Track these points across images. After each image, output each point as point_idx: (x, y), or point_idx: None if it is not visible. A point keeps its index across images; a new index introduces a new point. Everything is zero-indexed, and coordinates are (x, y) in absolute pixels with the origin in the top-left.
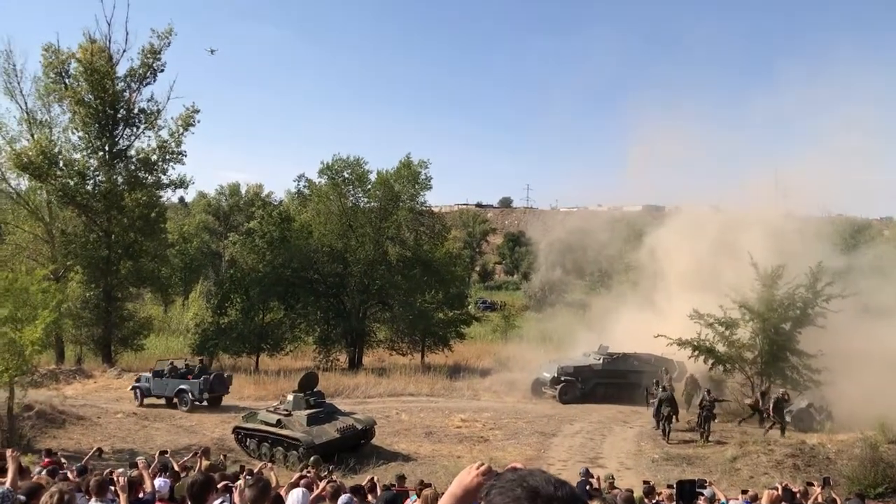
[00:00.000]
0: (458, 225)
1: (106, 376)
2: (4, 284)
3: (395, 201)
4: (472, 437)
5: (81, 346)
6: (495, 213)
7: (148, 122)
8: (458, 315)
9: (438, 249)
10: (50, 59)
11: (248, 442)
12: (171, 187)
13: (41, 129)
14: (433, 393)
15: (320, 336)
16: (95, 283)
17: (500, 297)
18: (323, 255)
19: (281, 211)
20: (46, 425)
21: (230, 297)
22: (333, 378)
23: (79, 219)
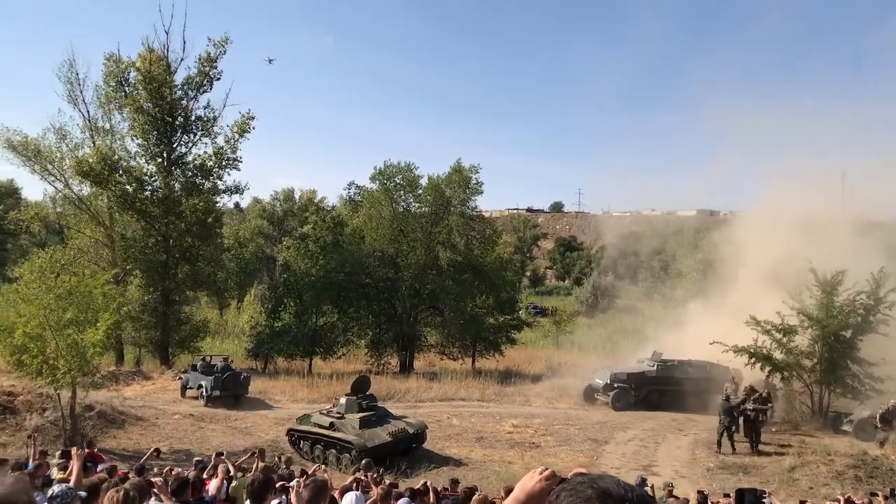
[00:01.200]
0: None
1: (163, 378)
2: (68, 287)
3: (445, 206)
4: (523, 443)
5: (140, 349)
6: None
7: (204, 130)
8: (509, 320)
9: (489, 254)
10: (111, 68)
11: (302, 444)
12: (227, 193)
13: (102, 136)
14: (484, 398)
15: (372, 340)
16: (154, 286)
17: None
18: (375, 260)
19: (334, 216)
20: (107, 425)
21: (284, 301)
22: (385, 382)
23: (138, 224)
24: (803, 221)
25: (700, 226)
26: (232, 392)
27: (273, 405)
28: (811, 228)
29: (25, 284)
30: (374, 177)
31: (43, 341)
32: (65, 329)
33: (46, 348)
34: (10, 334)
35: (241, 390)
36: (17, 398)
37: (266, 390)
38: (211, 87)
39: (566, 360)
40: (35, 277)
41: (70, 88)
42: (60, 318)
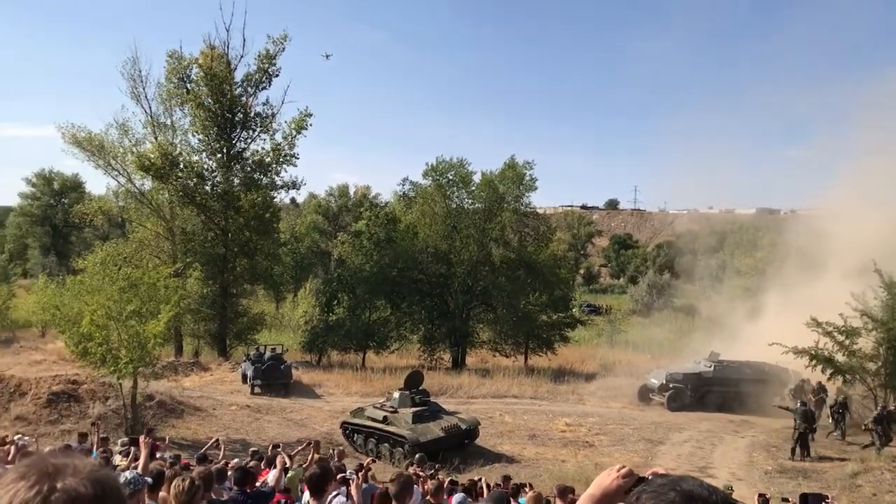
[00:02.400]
0: (563, 227)
1: (221, 369)
2: (132, 279)
3: (499, 203)
4: (576, 442)
5: (199, 340)
6: (601, 215)
7: (263, 126)
8: (563, 318)
9: (543, 251)
10: (173, 65)
11: (356, 437)
12: (284, 188)
13: (164, 132)
14: (537, 396)
15: (424, 335)
16: (213, 279)
17: (605, 301)
18: (427, 256)
19: (387, 212)
20: (166, 415)
21: (338, 296)
22: (437, 377)
23: (198, 218)
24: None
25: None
26: (272, 381)
27: (327, 398)
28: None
29: (89, 276)
30: (426, 173)
31: (107, 331)
32: (127, 320)
33: (110, 338)
34: (76, 324)
35: (282, 379)
36: (81, 387)
37: (320, 383)
38: (270, 84)
39: (620, 360)
40: (98, 269)
41: (133, 85)
42: (123, 310)
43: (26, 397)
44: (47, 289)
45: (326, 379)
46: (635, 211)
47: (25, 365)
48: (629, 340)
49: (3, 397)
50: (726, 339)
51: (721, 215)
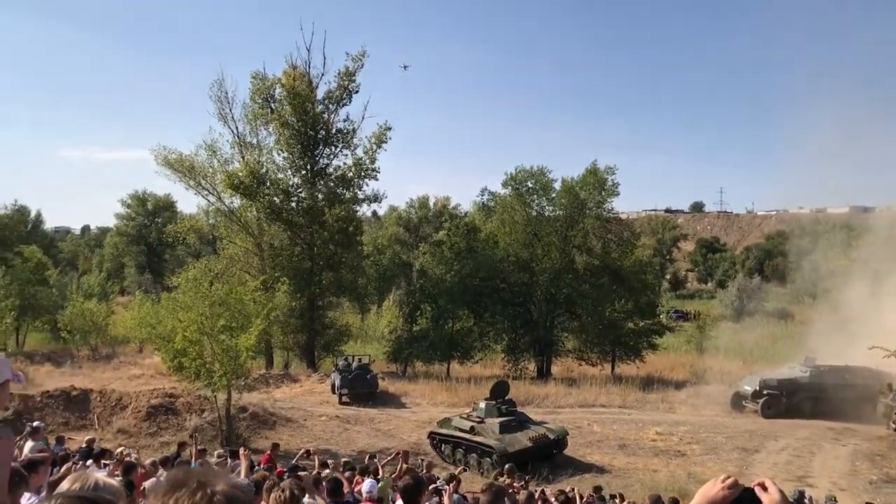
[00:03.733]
0: (647, 232)
1: (310, 381)
2: (221, 295)
3: (581, 209)
4: (668, 451)
5: (288, 352)
6: (686, 219)
7: (344, 142)
8: (650, 325)
9: (627, 257)
10: (258, 86)
11: (444, 447)
12: (366, 202)
13: (250, 151)
14: (625, 405)
15: (508, 345)
16: (300, 292)
17: (693, 307)
18: (509, 265)
19: (467, 222)
20: (259, 426)
21: (420, 307)
22: (523, 387)
23: (284, 233)
24: None
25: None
26: (359, 390)
27: (414, 408)
28: None
29: (182, 293)
30: (506, 182)
31: (200, 346)
32: (219, 335)
33: (203, 352)
34: (171, 340)
35: (369, 388)
36: (178, 400)
37: (406, 393)
38: (350, 101)
39: (711, 366)
40: (191, 286)
41: (220, 107)
42: (215, 325)
43: (127, 411)
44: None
45: (412, 389)
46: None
47: (125, 379)
48: (719, 346)
49: (105, 411)
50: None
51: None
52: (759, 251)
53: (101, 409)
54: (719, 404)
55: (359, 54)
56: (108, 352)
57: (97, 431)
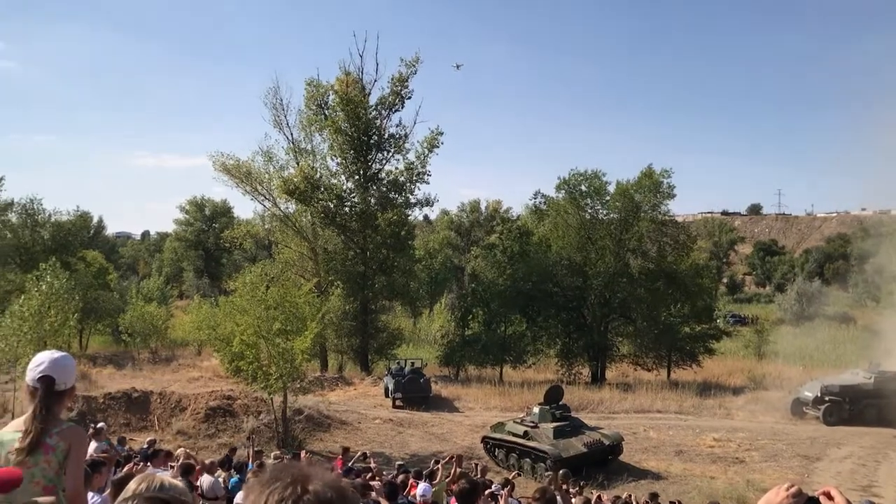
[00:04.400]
0: (703, 234)
1: (364, 384)
2: (277, 299)
3: (635, 212)
4: (726, 458)
5: (342, 355)
6: (743, 221)
7: (397, 147)
8: (706, 329)
9: (683, 261)
10: (312, 93)
11: (497, 452)
12: (418, 206)
13: (305, 157)
14: (682, 410)
15: (562, 349)
16: (353, 296)
17: (750, 311)
18: (562, 269)
19: (519, 226)
20: (314, 428)
21: (472, 310)
22: (577, 392)
23: (338, 238)
24: None
25: None
26: (412, 394)
27: (467, 412)
28: None
29: (239, 296)
30: (559, 186)
31: (257, 349)
32: (275, 338)
33: (260, 355)
34: (229, 343)
35: (422, 392)
36: (236, 402)
37: (459, 397)
38: (402, 106)
39: (770, 372)
40: (248, 290)
41: (275, 114)
42: (271, 328)
43: (186, 412)
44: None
45: (465, 393)
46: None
47: (184, 382)
48: (779, 352)
49: (165, 412)
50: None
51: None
52: (819, 254)
53: (161, 410)
54: (779, 411)
55: (412, 60)
56: (168, 354)
57: (157, 432)
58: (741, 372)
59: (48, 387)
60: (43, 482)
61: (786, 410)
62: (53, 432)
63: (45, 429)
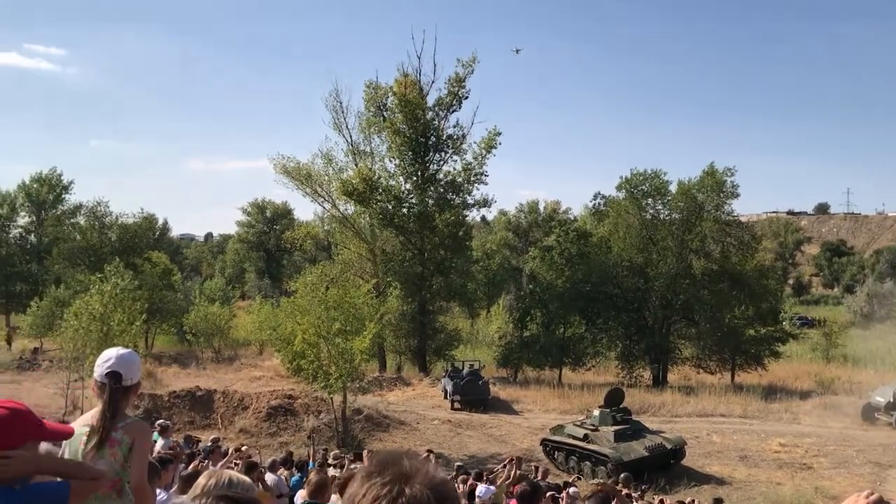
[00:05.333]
0: (769, 235)
1: (422, 385)
2: (336, 299)
3: (698, 212)
4: (792, 464)
5: (400, 356)
6: (810, 221)
7: (454, 147)
8: (772, 332)
9: (748, 262)
10: (371, 95)
11: (556, 454)
12: (476, 207)
13: (364, 158)
14: (746, 414)
15: (622, 351)
16: (411, 297)
17: (818, 313)
18: (622, 270)
19: (579, 227)
20: (373, 428)
21: (531, 312)
22: (638, 395)
23: (396, 239)
24: None
25: None
26: (471, 397)
27: (525, 414)
28: None
29: (300, 297)
30: (620, 186)
31: (317, 348)
32: (335, 338)
33: (320, 355)
34: (290, 343)
35: (481, 395)
36: (297, 401)
37: (517, 399)
38: (460, 107)
39: (839, 376)
40: (308, 291)
41: (335, 116)
42: (330, 328)
43: (248, 411)
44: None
45: (523, 395)
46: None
47: (246, 381)
48: (848, 355)
49: (228, 411)
50: None
51: None
52: (890, 254)
53: (224, 408)
54: (849, 416)
55: (469, 60)
56: (230, 354)
57: (220, 430)
58: (808, 376)
59: (115, 382)
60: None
61: (856, 416)
62: (119, 426)
63: (112, 423)
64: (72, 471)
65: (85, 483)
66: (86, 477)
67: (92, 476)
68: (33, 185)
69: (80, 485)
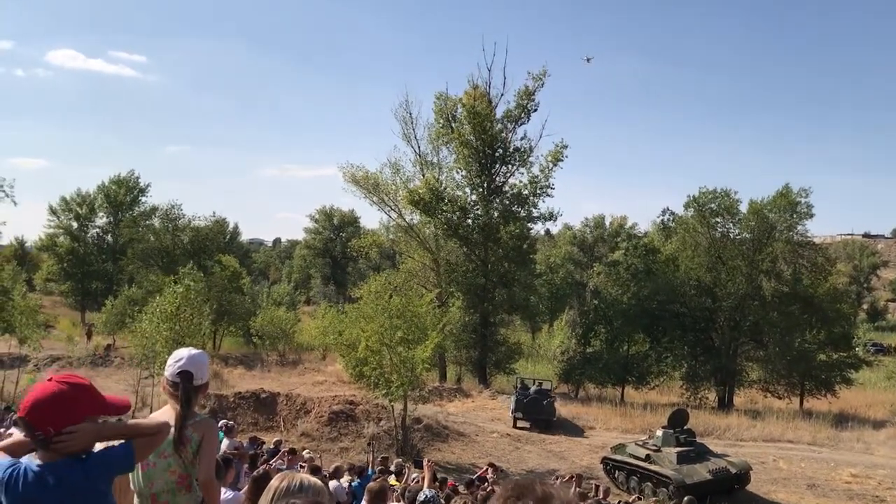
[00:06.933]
0: (843, 257)
1: (482, 397)
2: (400, 308)
3: (769, 232)
4: (864, 495)
5: (461, 367)
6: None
7: (521, 160)
8: (844, 358)
9: (821, 285)
10: (440, 106)
11: (617, 474)
12: (541, 220)
13: (431, 169)
14: (815, 442)
15: (687, 372)
16: (473, 308)
17: (893, 340)
18: (690, 289)
19: (646, 243)
20: (432, 438)
21: (594, 328)
22: (702, 416)
23: (460, 249)
24: None
25: None
26: (532, 417)
27: (586, 431)
28: None
29: (365, 304)
30: (688, 204)
31: (380, 356)
32: (397, 346)
33: (382, 362)
34: (353, 349)
35: (544, 415)
36: (358, 407)
37: (578, 416)
38: (528, 119)
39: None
40: (372, 298)
41: (404, 127)
42: (393, 336)
43: (310, 415)
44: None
45: (585, 412)
46: None
47: (309, 385)
48: None
49: (291, 414)
50: None
51: None
52: None
53: (287, 411)
54: None
55: (540, 74)
56: (295, 358)
57: (283, 433)
58: (882, 405)
59: (187, 381)
60: (179, 471)
61: None
62: (188, 424)
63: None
64: (131, 431)
65: (147, 440)
66: (146, 434)
67: (151, 431)
68: (112, 186)
69: (143, 442)
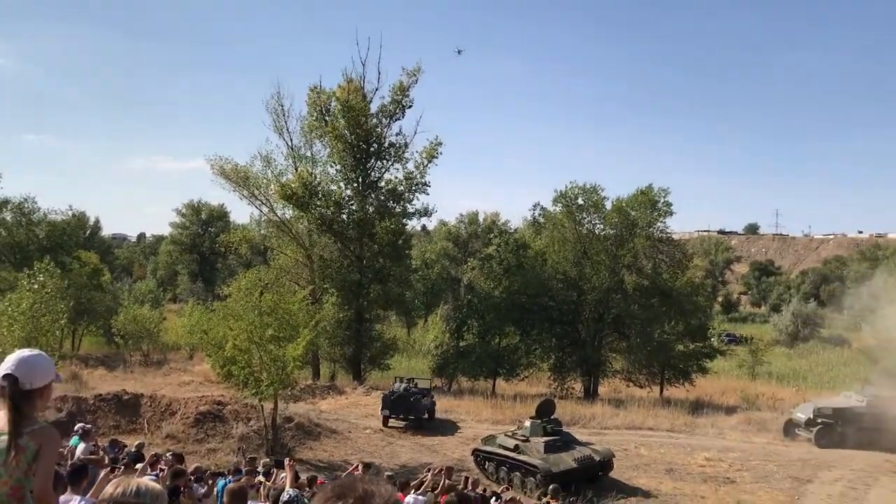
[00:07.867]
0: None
1: (356, 393)
2: (271, 305)
3: (631, 229)
4: (717, 478)
5: (335, 364)
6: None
7: (396, 156)
8: (700, 348)
9: (679, 278)
10: (314, 99)
11: (487, 465)
12: (416, 216)
13: (304, 163)
14: (673, 428)
15: (555, 363)
16: (348, 304)
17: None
18: (557, 282)
19: (517, 238)
20: (304, 437)
21: (467, 322)
22: (569, 406)
23: (334, 245)
24: None
25: None
26: (401, 415)
27: (459, 424)
28: None
29: (234, 301)
30: (556, 199)
31: (249, 355)
32: (267, 344)
33: (252, 361)
34: (221, 348)
35: (413, 412)
36: (226, 407)
37: (451, 409)
38: (403, 115)
39: (763, 392)
40: (242, 295)
41: (276, 119)
42: (263, 334)
43: (175, 416)
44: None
45: (457, 405)
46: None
47: (175, 385)
48: (772, 372)
49: (155, 416)
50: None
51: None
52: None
53: (151, 413)
54: (771, 432)
55: (414, 70)
56: (160, 358)
57: (146, 436)
58: (734, 391)
59: (12, 386)
60: (10, 482)
61: (778, 431)
62: (25, 432)
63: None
64: None
65: None
66: None
67: None
68: None
69: None
